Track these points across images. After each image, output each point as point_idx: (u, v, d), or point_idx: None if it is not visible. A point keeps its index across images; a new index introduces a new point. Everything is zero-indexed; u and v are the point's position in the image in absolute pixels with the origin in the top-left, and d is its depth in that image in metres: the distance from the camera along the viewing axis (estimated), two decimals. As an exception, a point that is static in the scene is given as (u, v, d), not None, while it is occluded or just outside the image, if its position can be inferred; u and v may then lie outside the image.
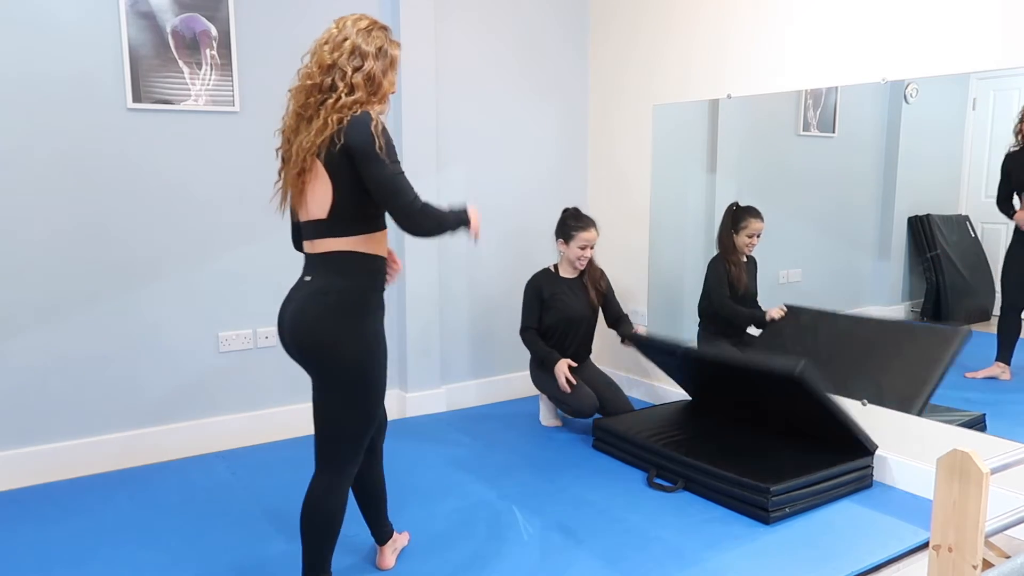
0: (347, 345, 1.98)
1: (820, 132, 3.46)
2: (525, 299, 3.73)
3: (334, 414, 2.04)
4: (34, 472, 3.07)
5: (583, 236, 3.60)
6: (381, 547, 2.42)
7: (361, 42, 1.99)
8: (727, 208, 3.66)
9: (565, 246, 3.67)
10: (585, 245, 3.62)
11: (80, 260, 3.10)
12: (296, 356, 2.08)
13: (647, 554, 2.50)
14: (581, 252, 3.63)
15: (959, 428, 2.82)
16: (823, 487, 2.81)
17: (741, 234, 3.63)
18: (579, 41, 4.27)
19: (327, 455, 2.07)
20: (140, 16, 3.08)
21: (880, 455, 3.03)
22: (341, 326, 1.98)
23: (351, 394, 2.02)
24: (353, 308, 2.01)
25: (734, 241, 3.65)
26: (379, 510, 2.37)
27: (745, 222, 3.62)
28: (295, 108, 2.01)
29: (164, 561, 2.46)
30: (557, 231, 3.72)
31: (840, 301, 3.37)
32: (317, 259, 2.04)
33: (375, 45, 2.01)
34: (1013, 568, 1.51)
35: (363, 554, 2.49)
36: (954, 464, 1.56)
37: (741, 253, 3.67)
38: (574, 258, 3.65)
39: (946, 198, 3.08)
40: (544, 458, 3.33)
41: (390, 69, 2.06)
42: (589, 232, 3.61)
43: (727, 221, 3.67)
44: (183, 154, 3.24)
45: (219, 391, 3.43)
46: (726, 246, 3.67)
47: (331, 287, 2.00)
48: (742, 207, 3.63)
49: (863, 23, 3.01)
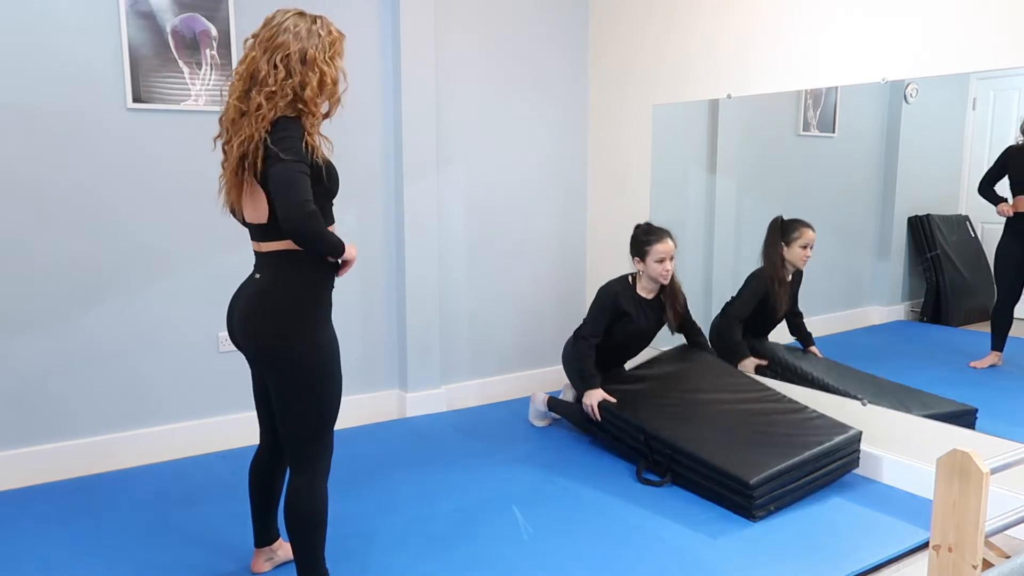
0: (297, 343, 1.99)
1: (820, 132, 3.46)
2: (596, 306, 3.47)
3: (292, 414, 2.03)
4: (34, 472, 3.07)
5: (659, 249, 3.35)
6: (258, 549, 2.39)
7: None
8: (772, 222, 3.46)
9: (642, 264, 3.41)
10: (663, 258, 3.35)
11: (80, 260, 3.10)
12: (248, 355, 2.10)
13: (648, 554, 2.50)
14: (660, 267, 3.36)
15: (959, 428, 2.83)
16: (807, 480, 2.82)
17: (794, 246, 3.40)
18: (579, 41, 4.27)
19: (296, 456, 2.07)
20: (140, 16, 3.08)
21: (880, 455, 3.03)
22: (290, 325, 1.99)
23: (306, 393, 2.01)
24: (302, 307, 2.01)
25: (783, 256, 3.42)
26: (270, 510, 2.36)
27: (798, 232, 3.39)
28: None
29: (164, 561, 2.46)
30: (632, 249, 3.46)
31: (840, 301, 3.37)
32: (263, 258, 2.05)
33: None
34: (1013, 568, 1.52)
35: (245, 563, 2.46)
36: (954, 464, 1.56)
37: (791, 268, 3.44)
38: (655, 274, 3.38)
39: (946, 198, 3.08)
40: (544, 458, 3.33)
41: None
42: (665, 243, 3.35)
43: (774, 234, 3.44)
44: (183, 154, 3.24)
45: (219, 391, 3.43)
46: (774, 262, 3.43)
47: (278, 285, 2.01)
48: (789, 219, 3.43)
49: (863, 23, 3.01)
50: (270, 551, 2.40)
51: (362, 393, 3.78)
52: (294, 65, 1.94)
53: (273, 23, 1.98)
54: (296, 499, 2.06)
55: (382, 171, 3.74)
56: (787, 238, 3.42)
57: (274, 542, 2.41)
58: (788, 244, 3.42)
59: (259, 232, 2.04)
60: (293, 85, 1.94)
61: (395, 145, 3.74)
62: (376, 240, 3.76)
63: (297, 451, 2.06)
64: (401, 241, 3.78)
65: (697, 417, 3.12)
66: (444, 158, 3.88)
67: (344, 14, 3.54)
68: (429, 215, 3.82)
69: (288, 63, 1.94)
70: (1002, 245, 2.94)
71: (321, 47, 1.98)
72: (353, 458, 3.24)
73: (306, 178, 1.87)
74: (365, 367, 3.79)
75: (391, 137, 3.74)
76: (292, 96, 1.95)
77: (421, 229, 3.80)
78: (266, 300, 2.01)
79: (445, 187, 3.90)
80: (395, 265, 3.83)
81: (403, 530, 2.61)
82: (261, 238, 2.04)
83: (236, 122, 1.97)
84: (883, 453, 3.04)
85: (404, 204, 3.74)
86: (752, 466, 2.73)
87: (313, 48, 1.97)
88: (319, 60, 1.97)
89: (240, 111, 1.97)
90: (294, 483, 2.07)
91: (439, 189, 3.86)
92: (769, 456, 2.79)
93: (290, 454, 2.08)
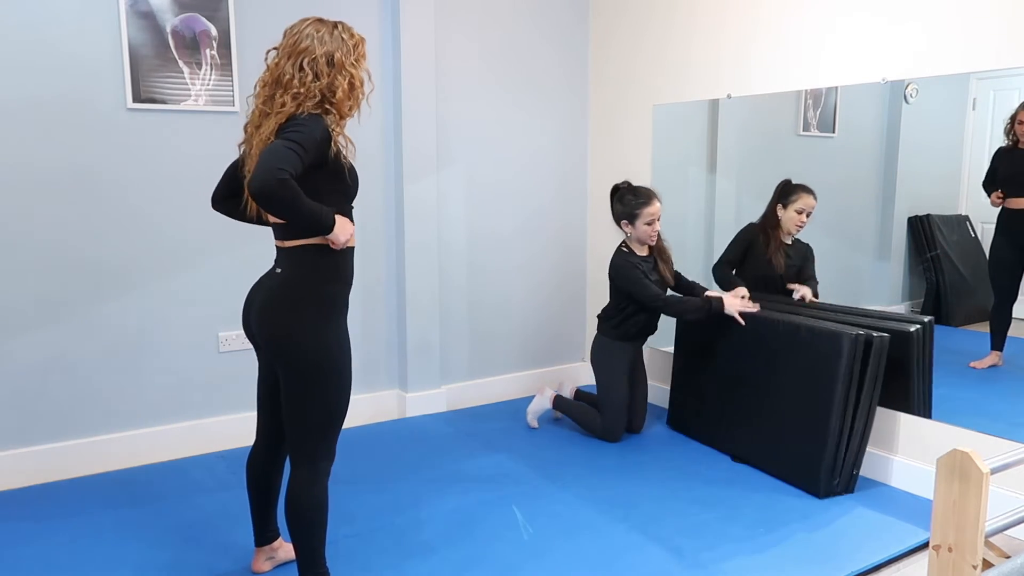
0: (310, 339, 2.01)
1: (820, 132, 3.46)
2: (629, 277, 3.42)
3: (299, 408, 2.05)
4: (34, 472, 3.07)
5: (648, 212, 3.38)
6: (258, 548, 2.39)
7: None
8: (779, 183, 3.48)
9: (631, 227, 3.43)
10: (652, 219, 3.39)
11: (80, 260, 3.10)
12: (260, 346, 2.12)
13: (648, 554, 2.50)
14: (650, 228, 3.40)
15: (959, 428, 2.83)
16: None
17: (789, 208, 3.43)
18: (579, 41, 4.27)
19: (299, 451, 2.08)
20: (140, 16, 3.08)
21: (880, 455, 3.03)
22: (306, 320, 2.02)
23: (315, 388, 2.03)
24: (318, 303, 2.04)
25: (778, 215, 3.46)
26: (269, 507, 2.36)
27: (796, 195, 3.41)
28: None
29: (164, 561, 2.46)
30: (618, 213, 3.46)
31: (840, 301, 3.37)
32: (284, 253, 2.08)
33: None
34: (1013, 568, 1.52)
35: (244, 563, 2.46)
36: (954, 464, 1.56)
37: (786, 232, 3.47)
38: (644, 236, 3.42)
39: (946, 198, 3.08)
40: (544, 458, 3.33)
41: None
42: (653, 205, 3.38)
43: (776, 194, 3.48)
44: (183, 154, 3.24)
45: (219, 391, 3.43)
46: (768, 218, 3.50)
47: (297, 280, 2.04)
48: (796, 183, 3.45)
49: (863, 23, 3.01)
50: (270, 550, 2.40)
51: (362, 393, 3.77)
52: (321, 68, 1.98)
53: (294, 31, 2.02)
54: (297, 495, 2.06)
55: (382, 171, 3.75)
56: (786, 200, 3.46)
57: (274, 541, 2.41)
58: (785, 206, 3.46)
59: (280, 229, 2.08)
60: (321, 87, 1.98)
61: (395, 145, 3.74)
62: (377, 240, 3.76)
63: (301, 446, 2.07)
64: (401, 241, 3.78)
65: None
66: (444, 158, 3.88)
67: (345, 14, 3.54)
68: (429, 215, 3.82)
69: (315, 66, 1.97)
70: (995, 246, 2.95)
71: (346, 50, 2.02)
72: (353, 458, 3.24)
73: (293, 154, 1.83)
74: (365, 367, 3.79)
75: (391, 137, 3.74)
76: (320, 98, 1.98)
77: (421, 229, 3.80)
78: (285, 293, 2.04)
79: (445, 187, 3.90)
80: (395, 265, 3.83)
81: (403, 530, 2.61)
82: (282, 236, 2.07)
83: (260, 126, 2.01)
84: (883, 453, 3.04)
85: (404, 204, 3.74)
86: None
87: (340, 52, 2.01)
88: (346, 63, 2.01)
89: (264, 113, 2.00)
90: (295, 478, 2.08)
91: (439, 189, 3.86)
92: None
93: (294, 448, 2.08)
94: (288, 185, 1.81)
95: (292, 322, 2.01)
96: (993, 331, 2.99)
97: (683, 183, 3.93)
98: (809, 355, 2.99)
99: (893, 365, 2.94)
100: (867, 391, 2.89)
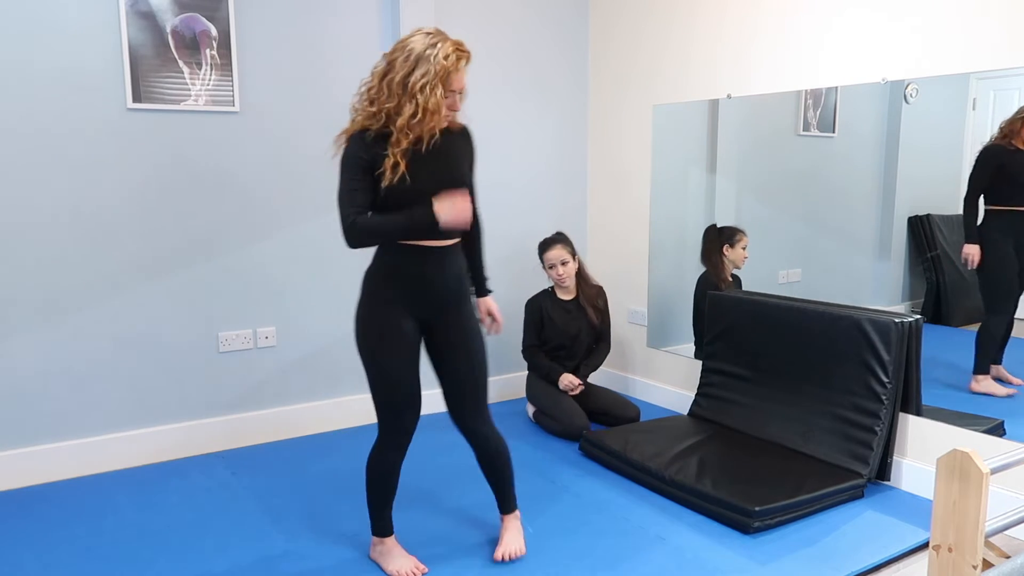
0: (357, 321, 2.25)
1: (820, 132, 3.46)
2: (525, 319, 3.79)
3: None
4: (34, 472, 3.07)
5: (548, 256, 3.68)
6: (504, 516, 2.51)
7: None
8: (708, 229, 3.71)
9: (546, 271, 3.75)
10: (553, 263, 3.66)
11: (80, 260, 3.10)
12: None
13: (648, 554, 2.50)
14: (553, 272, 3.68)
15: (959, 428, 2.82)
16: (810, 508, 2.73)
17: (737, 247, 3.65)
18: (579, 41, 4.27)
19: (378, 418, 2.30)
20: (140, 16, 3.08)
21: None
22: (359, 303, 2.27)
23: (364, 365, 2.26)
24: (368, 288, 2.25)
25: (724, 259, 3.67)
26: (497, 481, 2.50)
27: (739, 236, 3.66)
28: None
29: (164, 561, 2.46)
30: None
31: (840, 301, 3.37)
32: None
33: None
34: (1013, 568, 1.51)
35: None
36: (954, 464, 1.56)
37: (731, 268, 3.69)
38: (552, 280, 3.73)
39: (946, 198, 3.08)
40: (544, 458, 3.33)
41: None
42: (552, 250, 3.66)
43: (713, 240, 3.68)
44: (183, 154, 3.24)
45: (219, 391, 3.43)
46: (716, 264, 3.69)
47: (368, 268, 2.27)
48: (722, 226, 3.69)
49: (863, 23, 3.01)
50: (515, 518, 2.54)
51: (362, 393, 3.77)
52: (395, 90, 2.03)
53: (400, 42, 2.07)
54: (369, 457, 2.33)
55: (382, 171, 3.74)
56: (731, 240, 3.68)
57: (509, 512, 2.54)
58: (732, 246, 3.67)
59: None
60: (389, 109, 2.04)
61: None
62: (376, 240, 3.76)
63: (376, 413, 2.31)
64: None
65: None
66: (444, 158, 3.88)
67: (345, 14, 3.54)
68: (429, 215, 3.82)
69: (391, 86, 2.03)
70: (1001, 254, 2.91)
71: (425, 73, 2.01)
72: (353, 458, 3.23)
73: (344, 196, 2.07)
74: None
75: (391, 137, 3.73)
76: (385, 119, 2.05)
77: (421, 229, 3.80)
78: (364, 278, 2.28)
79: (445, 187, 3.89)
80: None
81: (402, 530, 2.60)
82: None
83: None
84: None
85: (404, 204, 3.74)
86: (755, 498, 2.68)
87: (418, 74, 2.01)
88: (418, 88, 2.01)
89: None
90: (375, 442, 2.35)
91: (439, 189, 3.86)
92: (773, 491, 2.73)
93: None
94: (358, 226, 2.06)
95: (357, 305, 2.28)
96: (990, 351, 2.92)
97: (683, 183, 3.93)
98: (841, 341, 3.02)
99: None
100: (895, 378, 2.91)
